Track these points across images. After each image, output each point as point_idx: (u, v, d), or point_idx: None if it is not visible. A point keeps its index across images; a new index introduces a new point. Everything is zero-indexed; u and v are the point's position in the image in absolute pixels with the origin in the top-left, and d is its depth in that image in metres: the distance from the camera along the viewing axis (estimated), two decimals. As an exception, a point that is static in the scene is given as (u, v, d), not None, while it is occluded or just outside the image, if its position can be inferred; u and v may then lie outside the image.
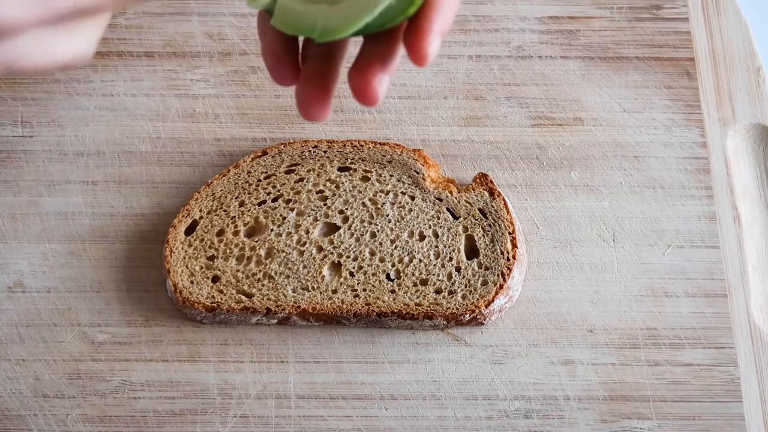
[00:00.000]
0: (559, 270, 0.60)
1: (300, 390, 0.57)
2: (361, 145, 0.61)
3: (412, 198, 0.60)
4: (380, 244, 0.58)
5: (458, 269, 0.57)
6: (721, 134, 0.64)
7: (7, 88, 0.65)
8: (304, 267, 0.58)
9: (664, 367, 0.57)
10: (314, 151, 0.61)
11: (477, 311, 0.56)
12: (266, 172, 0.61)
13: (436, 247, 0.58)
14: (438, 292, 0.57)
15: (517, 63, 0.66)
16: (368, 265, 0.58)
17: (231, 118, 0.64)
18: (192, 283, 0.58)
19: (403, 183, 0.60)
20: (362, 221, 0.59)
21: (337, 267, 0.58)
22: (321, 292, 0.57)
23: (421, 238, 0.58)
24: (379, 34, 0.39)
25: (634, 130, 0.64)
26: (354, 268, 0.58)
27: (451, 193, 0.60)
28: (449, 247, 0.58)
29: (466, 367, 0.58)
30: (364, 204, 0.59)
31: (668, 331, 0.58)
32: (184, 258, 0.58)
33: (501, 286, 0.57)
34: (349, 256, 0.58)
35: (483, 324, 0.58)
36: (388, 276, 0.58)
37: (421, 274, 0.57)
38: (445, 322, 0.57)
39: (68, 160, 0.63)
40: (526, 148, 0.63)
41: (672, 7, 0.67)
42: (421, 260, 0.58)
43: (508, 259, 0.57)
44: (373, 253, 0.58)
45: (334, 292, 0.57)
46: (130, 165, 0.63)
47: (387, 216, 0.59)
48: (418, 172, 0.60)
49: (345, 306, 0.57)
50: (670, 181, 0.62)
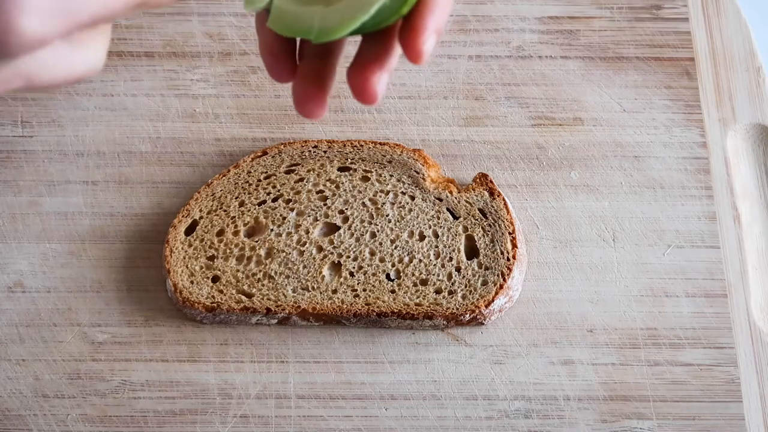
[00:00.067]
0: (559, 270, 0.60)
1: (300, 390, 0.57)
2: (361, 145, 0.61)
3: (412, 198, 0.60)
4: (380, 244, 0.58)
5: (458, 269, 0.57)
6: (721, 134, 0.64)
7: (7, 88, 0.65)
8: (304, 267, 0.58)
9: (664, 367, 0.57)
10: (314, 151, 0.61)
11: (477, 311, 0.56)
12: (266, 172, 0.61)
13: (436, 247, 0.58)
14: (438, 292, 0.57)
15: (517, 63, 0.66)
16: (368, 265, 0.58)
17: (231, 118, 0.64)
18: (192, 283, 0.58)
19: (403, 183, 0.60)
20: (362, 221, 0.59)
21: (337, 267, 0.58)
22: (321, 292, 0.57)
23: (421, 238, 0.58)
24: (375, 33, 0.39)
25: (634, 130, 0.64)
26: (354, 268, 0.58)
27: (451, 193, 0.60)
28: (449, 247, 0.58)
29: (466, 367, 0.58)
30: (364, 204, 0.59)
31: (668, 331, 0.58)
32: (184, 258, 0.58)
33: (501, 286, 0.57)
34: (349, 256, 0.58)
35: (483, 324, 0.58)
36: (388, 276, 0.58)
37: (421, 274, 0.57)
38: (445, 322, 0.57)
39: (68, 160, 0.63)
40: (526, 148, 0.63)
41: (672, 7, 0.67)
42: (421, 260, 0.58)
43: (508, 259, 0.57)
44: (373, 253, 0.58)
45: (334, 292, 0.57)
46: (130, 165, 0.63)
47: (387, 216, 0.59)
48: (418, 172, 0.60)
49: (345, 306, 0.57)
50: (670, 181, 0.62)
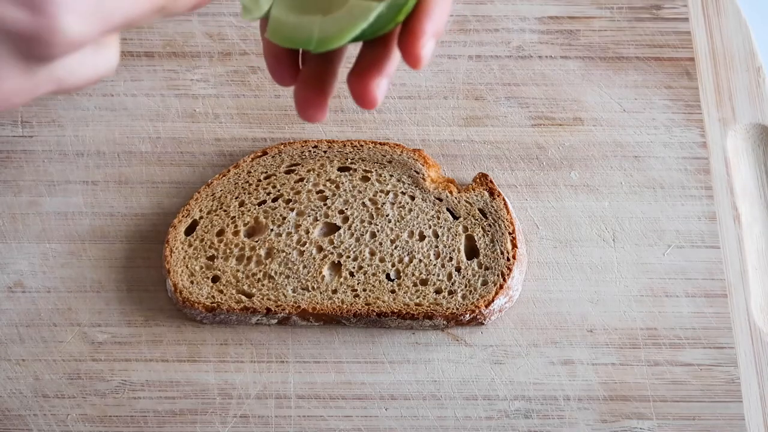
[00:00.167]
0: (559, 270, 0.60)
1: (300, 390, 0.57)
2: (361, 145, 0.61)
3: (412, 198, 0.60)
4: (380, 244, 0.58)
5: (458, 269, 0.57)
6: (721, 134, 0.64)
7: (7, 88, 0.65)
8: (304, 267, 0.58)
9: (664, 367, 0.57)
10: (314, 151, 0.61)
11: (477, 311, 0.56)
12: (266, 172, 0.61)
13: (436, 247, 0.58)
14: (438, 292, 0.57)
15: (517, 63, 0.66)
16: (368, 265, 0.58)
17: (231, 118, 0.64)
18: (192, 283, 0.58)
19: (403, 183, 0.60)
20: (362, 221, 0.59)
21: (337, 267, 0.58)
22: (321, 292, 0.57)
23: (421, 238, 0.58)
24: (375, 39, 0.39)
25: (634, 130, 0.64)
26: (354, 268, 0.58)
27: (451, 193, 0.60)
28: (449, 247, 0.58)
29: (466, 367, 0.58)
30: (364, 204, 0.59)
31: (668, 331, 0.58)
32: (184, 258, 0.58)
33: (501, 286, 0.57)
34: (349, 256, 0.58)
35: (483, 324, 0.58)
36: (388, 276, 0.58)
37: (421, 274, 0.57)
38: (445, 322, 0.57)
39: (68, 160, 0.63)
40: (526, 148, 0.63)
41: (672, 7, 0.67)
42: (421, 260, 0.58)
43: (508, 259, 0.57)
44: (373, 253, 0.58)
45: (334, 292, 0.57)
46: (130, 165, 0.63)
47: (387, 216, 0.59)
48: (418, 172, 0.60)
49: (345, 306, 0.57)
50: (670, 181, 0.62)
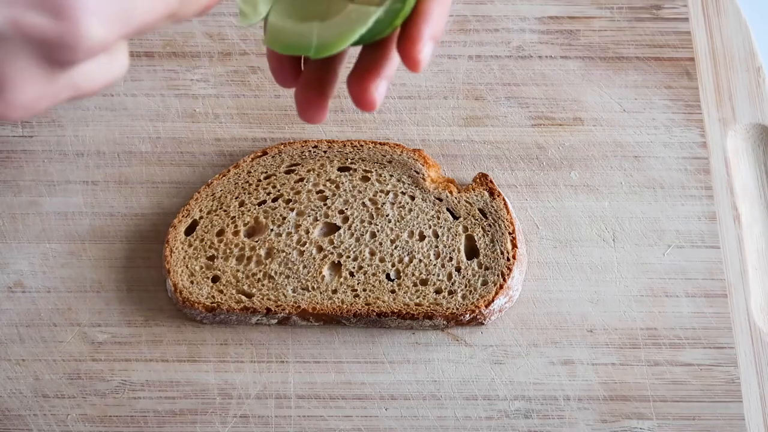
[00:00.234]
0: (559, 270, 0.60)
1: (300, 390, 0.57)
2: (361, 145, 0.61)
3: (412, 198, 0.60)
4: (380, 244, 0.58)
5: (458, 269, 0.57)
6: (721, 134, 0.64)
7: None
8: (304, 267, 0.58)
9: (664, 367, 0.57)
10: (314, 151, 0.61)
11: (477, 311, 0.56)
12: (266, 172, 0.61)
13: (436, 247, 0.58)
14: (438, 292, 0.57)
15: (517, 63, 0.66)
16: (368, 265, 0.58)
17: (231, 118, 0.64)
18: (192, 283, 0.58)
19: (403, 183, 0.60)
20: (362, 221, 0.59)
21: (337, 267, 0.58)
22: (321, 292, 0.57)
23: (421, 238, 0.58)
24: (374, 42, 0.40)
25: (634, 130, 0.64)
26: (354, 268, 0.58)
27: (451, 193, 0.60)
28: (449, 247, 0.58)
29: (466, 367, 0.58)
30: (364, 204, 0.59)
31: (668, 331, 0.58)
32: (184, 258, 0.58)
33: (501, 286, 0.57)
34: (349, 256, 0.58)
35: (483, 324, 0.58)
36: (388, 276, 0.58)
37: (421, 274, 0.57)
38: (445, 322, 0.57)
39: (68, 160, 0.63)
40: (526, 148, 0.63)
41: (672, 7, 0.67)
42: (421, 260, 0.58)
43: (508, 259, 0.57)
44: (373, 253, 0.58)
45: (334, 292, 0.57)
46: (130, 165, 0.63)
47: (387, 216, 0.59)
48: (418, 172, 0.60)
49: (345, 306, 0.57)
50: (670, 181, 0.62)
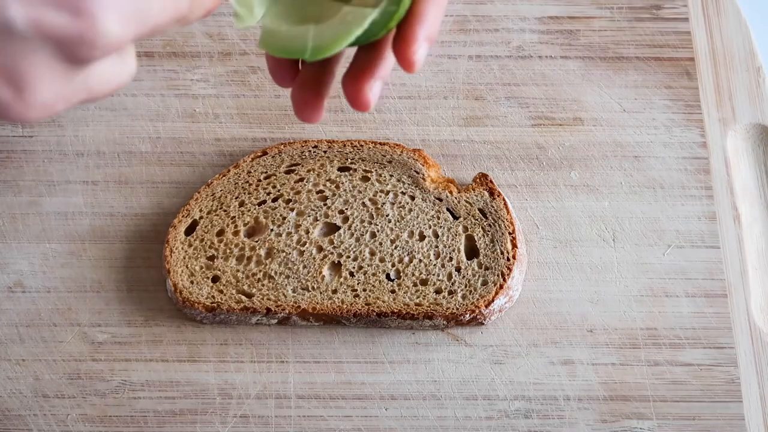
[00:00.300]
0: (559, 270, 0.60)
1: (300, 390, 0.57)
2: (361, 145, 0.61)
3: (412, 198, 0.60)
4: (380, 244, 0.58)
5: (458, 269, 0.57)
6: (721, 134, 0.64)
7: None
8: (304, 267, 0.58)
9: (664, 367, 0.57)
10: (314, 151, 0.61)
11: (477, 311, 0.56)
12: (266, 172, 0.61)
13: (436, 247, 0.58)
14: (438, 292, 0.57)
15: (517, 63, 0.66)
16: (368, 265, 0.58)
17: (231, 118, 0.64)
18: (192, 283, 0.58)
19: (403, 183, 0.60)
20: (362, 221, 0.59)
21: (337, 267, 0.58)
22: (321, 292, 0.57)
23: (421, 238, 0.58)
24: (369, 43, 0.40)
25: (634, 130, 0.64)
26: (354, 268, 0.58)
27: (451, 193, 0.60)
28: (449, 247, 0.58)
29: (466, 367, 0.58)
30: (364, 204, 0.59)
31: (668, 331, 0.58)
32: (184, 258, 0.58)
33: (501, 286, 0.57)
34: (349, 256, 0.58)
35: (483, 324, 0.58)
36: (388, 276, 0.58)
37: (421, 274, 0.57)
38: (445, 322, 0.57)
39: (68, 160, 0.63)
40: (526, 148, 0.63)
41: (672, 7, 0.67)
42: (421, 260, 0.58)
43: (508, 259, 0.57)
44: (373, 253, 0.58)
45: (334, 292, 0.57)
46: (130, 165, 0.63)
47: (387, 216, 0.59)
48: (418, 172, 0.60)
49: (345, 306, 0.57)
50: (670, 181, 0.62)
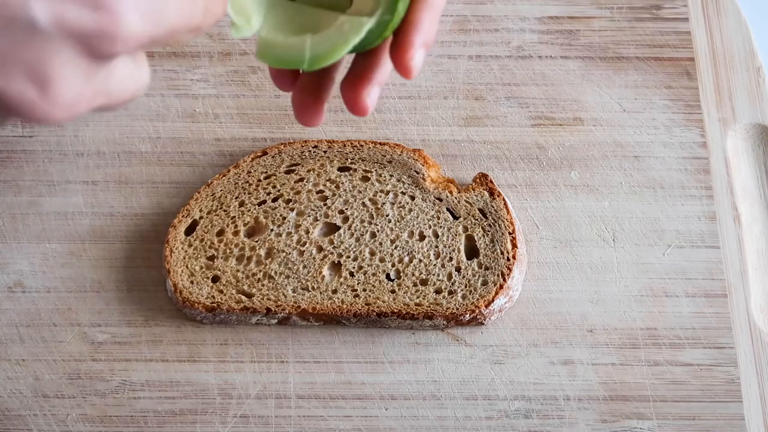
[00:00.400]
0: (559, 270, 0.60)
1: (300, 390, 0.57)
2: (361, 145, 0.61)
3: (412, 198, 0.60)
4: (380, 244, 0.58)
5: (458, 269, 0.57)
6: (721, 134, 0.64)
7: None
8: (304, 267, 0.58)
9: (664, 367, 0.57)
10: (314, 151, 0.61)
11: (477, 311, 0.56)
12: (266, 172, 0.61)
13: (436, 247, 0.58)
14: (438, 292, 0.57)
15: (517, 63, 0.66)
16: (368, 265, 0.58)
17: (231, 118, 0.64)
18: (192, 283, 0.58)
19: (403, 183, 0.60)
20: (362, 221, 0.59)
21: (337, 267, 0.58)
22: (321, 292, 0.57)
23: (421, 238, 0.58)
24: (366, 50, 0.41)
25: (634, 130, 0.64)
26: (354, 268, 0.58)
27: (451, 193, 0.60)
28: (449, 247, 0.58)
29: (466, 367, 0.58)
30: (364, 204, 0.59)
31: (668, 331, 0.58)
32: (184, 258, 0.58)
33: (501, 286, 0.57)
34: (349, 256, 0.58)
35: (483, 324, 0.58)
36: (388, 276, 0.58)
37: (421, 274, 0.57)
38: (445, 322, 0.57)
39: (68, 160, 0.63)
40: (526, 148, 0.63)
41: (672, 7, 0.67)
42: (421, 260, 0.58)
43: (508, 259, 0.57)
44: (373, 253, 0.58)
45: (334, 292, 0.57)
46: (130, 165, 0.63)
47: (387, 216, 0.59)
48: (418, 172, 0.60)
49: (345, 306, 0.57)
50: (670, 181, 0.62)
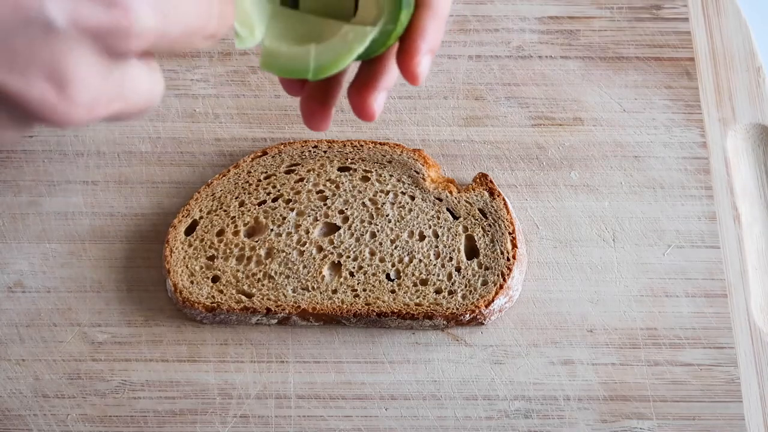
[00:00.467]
0: (559, 270, 0.60)
1: (300, 390, 0.57)
2: (361, 145, 0.61)
3: (412, 198, 0.60)
4: (380, 244, 0.58)
5: (458, 269, 0.57)
6: (721, 134, 0.64)
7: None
8: (304, 267, 0.58)
9: (664, 367, 0.57)
10: (314, 151, 0.61)
11: (477, 311, 0.56)
12: (266, 172, 0.61)
13: (436, 247, 0.58)
14: (438, 292, 0.57)
15: (517, 63, 0.66)
16: (368, 265, 0.58)
17: (231, 118, 0.64)
18: (192, 283, 0.58)
19: (403, 183, 0.60)
20: (362, 221, 0.59)
21: (337, 267, 0.58)
22: (321, 292, 0.57)
23: (421, 238, 0.58)
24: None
25: (634, 130, 0.64)
26: (354, 268, 0.58)
27: (451, 193, 0.60)
28: (449, 247, 0.58)
29: (466, 367, 0.58)
30: (364, 204, 0.59)
31: (668, 331, 0.58)
32: (184, 258, 0.58)
33: (501, 286, 0.57)
34: (349, 256, 0.58)
35: (483, 324, 0.58)
36: (388, 276, 0.58)
37: (421, 274, 0.57)
38: (445, 322, 0.57)
39: (68, 160, 0.63)
40: (526, 148, 0.63)
41: (672, 7, 0.67)
42: (421, 260, 0.58)
43: (508, 259, 0.57)
44: (373, 253, 0.58)
45: (334, 292, 0.57)
46: (130, 165, 0.63)
47: (387, 216, 0.59)
48: (418, 172, 0.60)
49: (345, 306, 0.57)
50: (670, 181, 0.62)
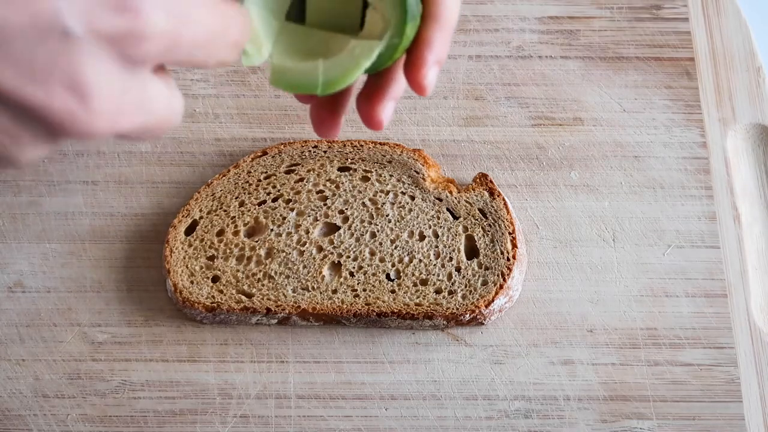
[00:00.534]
0: (559, 270, 0.60)
1: (300, 390, 0.57)
2: (361, 145, 0.61)
3: (412, 198, 0.60)
4: (380, 244, 0.58)
5: (458, 269, 0.57)
6: (721, 134, 0.64)
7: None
8: (304, 267, 0.58)
9: (664, 367, 0.57)
10: (314, 151, 0.61)
11: (477, 311, 0.56)
12: (266, 172, 0.61)
13: (436, 247, 0.58)
14: (438, 292, 0.57)
15: (517, 63, 0.66)
16: (368, 265, 0.58)
17: (231, 118, 0.64)
18: (192, 283, 0.58)
19: (403, 183, 0.60)
20: (362, 221, 0.59)
21: (337, 267, 0.58)
22: (321, 292, 0.57)
23: (421, 238, 0.58)
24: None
25: (634, 130, 0.64)
26: (354, 268, 0.58)
27: (451, 193, 0.60)
28: (449, 247, 0.58)
29: (466, 367, 0.58)
30: (364, 204, 0.59)
31: (668, 331, 0.58)
32: (184, 258, 0.58)
33: (501, 286, 0.57)
34: (349, 256, 0.58)
35: (483, 324, 0.58)
36: (388, 276, 0.58)
37: (421, 274, 0.57)
38: (445, 322, 0.57)
39: (68, 160, 0.63)
40: (526, 148, 0.63)
41: (672, 7, 0.67)
42: (421, 260, 0.58)
43: (508, 259, 0.57)
44: (373, 253, 0.58)
45: (334, 292, 0.57)
46: (130, 165, 0.63)
47: (387, 216, 0.59)
48: (418, 172, 0.60)
49: (345, 306, 0.57)
50: (670, 181, 0.62)
